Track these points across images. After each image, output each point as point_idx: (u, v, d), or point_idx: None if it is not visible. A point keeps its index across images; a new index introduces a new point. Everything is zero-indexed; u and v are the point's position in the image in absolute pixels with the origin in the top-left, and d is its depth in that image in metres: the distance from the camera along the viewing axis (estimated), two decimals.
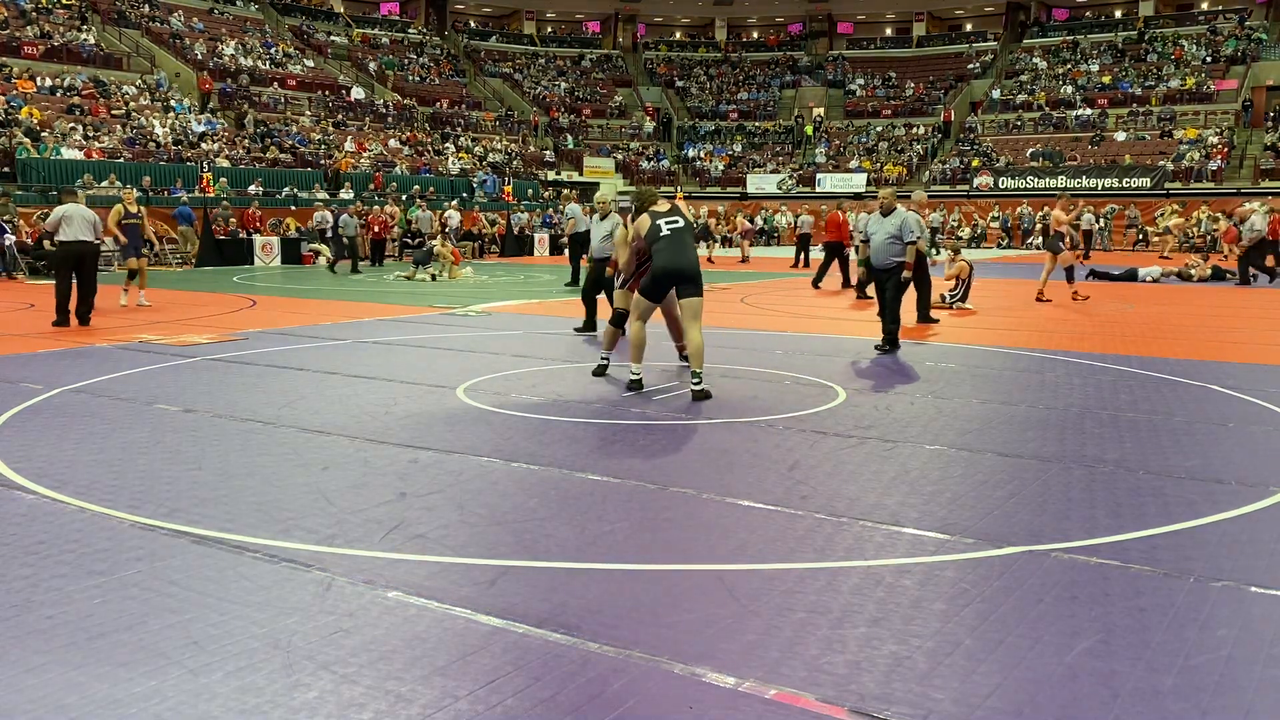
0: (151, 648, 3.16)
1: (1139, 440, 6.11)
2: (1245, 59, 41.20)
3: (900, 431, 6.31)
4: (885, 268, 9.94)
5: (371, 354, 9.56)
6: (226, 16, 40.00)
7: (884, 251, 9.92)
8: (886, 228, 9.91)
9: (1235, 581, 3.78)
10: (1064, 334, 11.47)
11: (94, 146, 26.12)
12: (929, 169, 41.95)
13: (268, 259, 24.02)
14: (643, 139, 47.64)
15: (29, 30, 30.93)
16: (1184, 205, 33.33)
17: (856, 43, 54.03)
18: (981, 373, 8.72)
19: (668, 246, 7.42)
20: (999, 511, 4.64)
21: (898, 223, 9.86)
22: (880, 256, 9.95)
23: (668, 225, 7.50)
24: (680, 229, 7.50)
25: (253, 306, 14.29)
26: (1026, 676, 3.01)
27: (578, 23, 55.69)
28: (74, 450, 5.70)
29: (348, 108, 37.46)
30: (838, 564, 3.96)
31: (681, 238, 7.48)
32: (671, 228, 7.49)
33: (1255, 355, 9.83)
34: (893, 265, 9.89)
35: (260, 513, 4.55)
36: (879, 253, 9.96)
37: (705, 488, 5.01)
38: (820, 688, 2.93)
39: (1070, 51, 46.73)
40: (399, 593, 3.62)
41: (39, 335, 10.78)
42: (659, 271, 7.41)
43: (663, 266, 7.39)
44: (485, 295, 16.22)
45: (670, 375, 8.33)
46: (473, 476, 5.19)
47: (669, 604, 3.54)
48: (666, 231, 7.47)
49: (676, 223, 7.51)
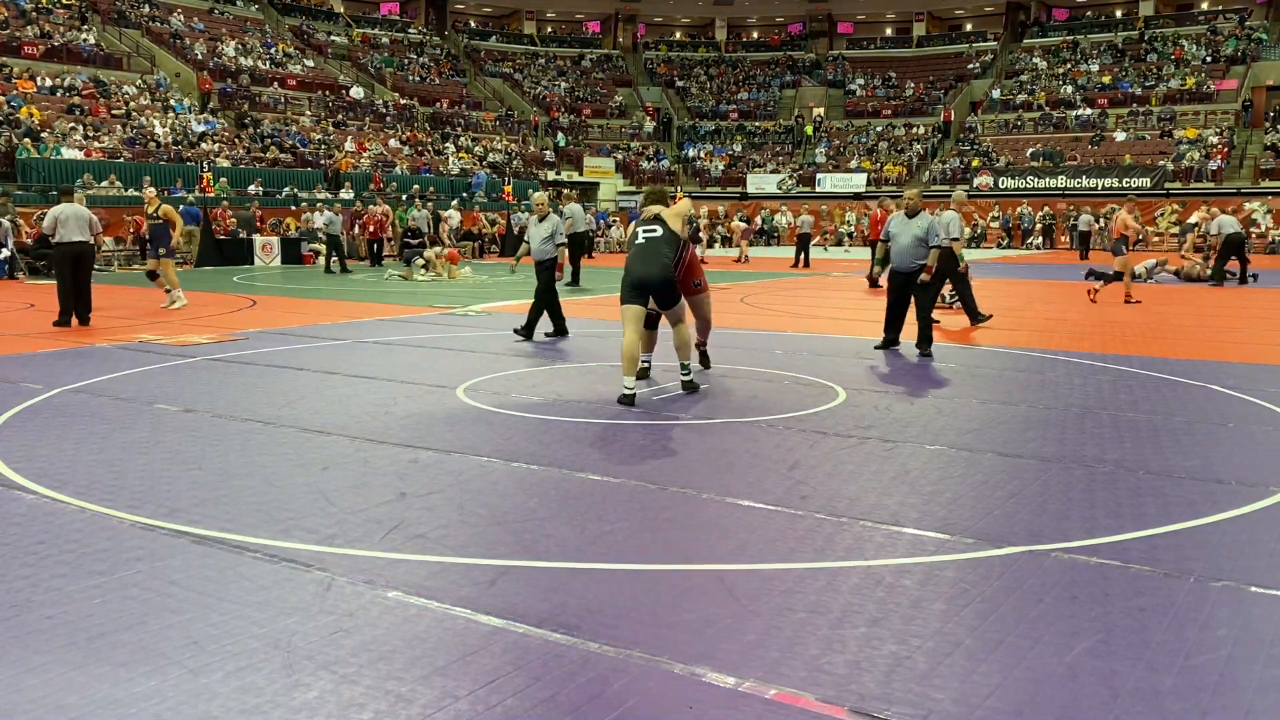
0: (151, 648, 3.16)
1: (1139, 440, 6.11)
2: (1245, 59, 41.20)
3: (900, 431, 6.31)
4: (909, 271, 9.63)
5: (371, 354, 9.56)
6: (226, 16, 40.00)
7: (909, 254, 9.60)
8: (913, 230, 9.59)
9: (1235, 581, 3.78)
10: (1064, 334, 11.47)
11: (94, 146, 26.13)
12: (929, 169, 41.95)
13: (268, 259, 24.03)
14: (643, 139, 47.64)
15: (29, 30, 30.93)
16: (1184, 205, 33.32)
17: (856, 43, 54.03)
18: (981, 373, 8.72)
19: (637, 255, 7.47)
20: (999, 511, 4.64)
21: (924, 225, 9.56)
22: (905, 259, 9.64)
23: (644, 234, 7.56)
24: (655, 239, 7.49)
25: (253, 306, 14.29)
26: (1026, 676, 3.01)
27: (578, 23, 55.70)
28: (74, 450, 5.70)
29: (348, 108, 37.47)
30: (838, 564, 3.95)
31: (653, 247, 7.45)
32: (647, 236, 7.53)
33: (1255, 355, 9.82)
34: (916, 269, 9.57)
35: (260, 513, 4.55)
36: (903, 255, 9.64)
37: (705, 488, 5.01)
38: (820, 688, 2.93)
39: (1070, 51, 46.73)
40: (399, 593, 3.62)
41: (39, 335, 10.78)
42: (626, 279, 7.48)
43: (629, 274, 7.46)
44: (485, 295, 16.22)
45: (672, 375, 8.33)
46: (473, 476, 5.19)
47: (669, 604, 3.54)
48: (641, 240, 7.54)
49: (654, 232, 7.54)
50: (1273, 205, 33.44)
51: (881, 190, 40.69)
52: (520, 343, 10.31)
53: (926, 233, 9.54)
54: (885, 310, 10.04)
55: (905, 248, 9.62)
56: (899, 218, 9.86)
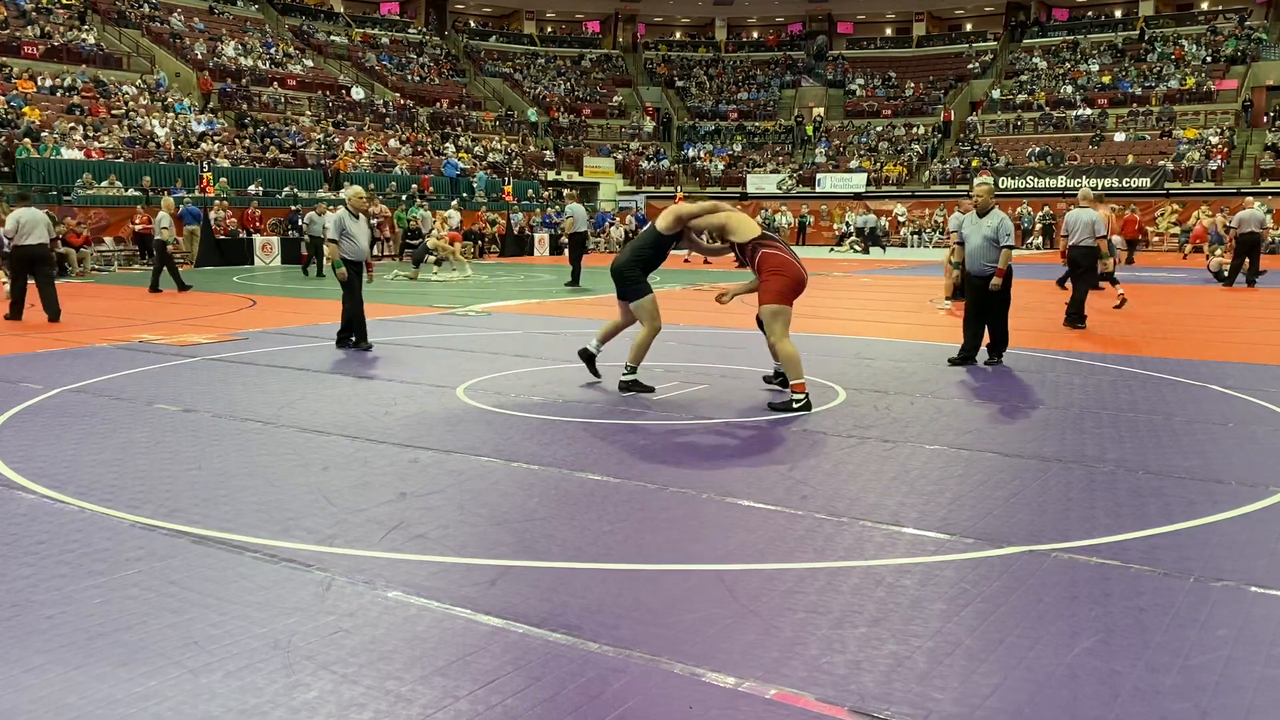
0: (151, 648, 3.16)
1: (1139, 440, 6.11)
2: (1245, 59, 41.18)
3: (900, 431, 6.31)
4: (983, 274, 9.03)
5: (371, 354, 9.56)
6: (226, 16, 39.98)
7: (981, 256, 9.03)
8: (983, 230, 9.01)
9: (1235, 581, 3.78)
10: (1064, 334, 11.46)
11: (94, 146, 26.12)
12: (929, 169, 41.95)
13: (268, 259, 24.02)
14: (643, 139, 47.61)
15: (29, 30, 30.92)
16: (1184, 205, 33.32)
17: (856, 43, 54.01)
18: (981, 373, 8.72)
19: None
20: (999, 511, 4.64)
21: (995, 224, 8.95)
22: (977, 262, 9.06)
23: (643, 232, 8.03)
24: (644, 233, 7.89)
25: (253, 306, 14.29)
26: (1026, 676, 3.01)
27: (578, 23, 55.67)
28: (74, 450, 5.70)
29: (348, 108, 37.45)
30: (838, 564, 3.95)
31: (632, 242, 7.96)
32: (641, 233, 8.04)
33: (1255, 355, 9.82)
34: (991, 272, 8.98)
35: (260, 513, 4.55)
36: (976, 257, 9.07)
37: (705, 488, 5.01)
38: (820, 688, 2.93)
39: (1070, 51, 46.71)
40: (399, 593, 3.62)
41: (39, 335, 10.77)
42: None
43: None
44: (485, 295, 16.22)
45: (673, 374, 8.32)
46: (473, 476, 5.19)
47: (669, 604, 3.54)
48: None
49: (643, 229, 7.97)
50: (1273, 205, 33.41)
51: (882, 190, 40.74)
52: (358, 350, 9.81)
53: (997, 232, 8.95)
54: (964, 317, 9.36)
55: (977, 249, 9.06)
56: (969, 217, 9.33)
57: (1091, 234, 11.79)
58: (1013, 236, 9.08)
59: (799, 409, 6.84)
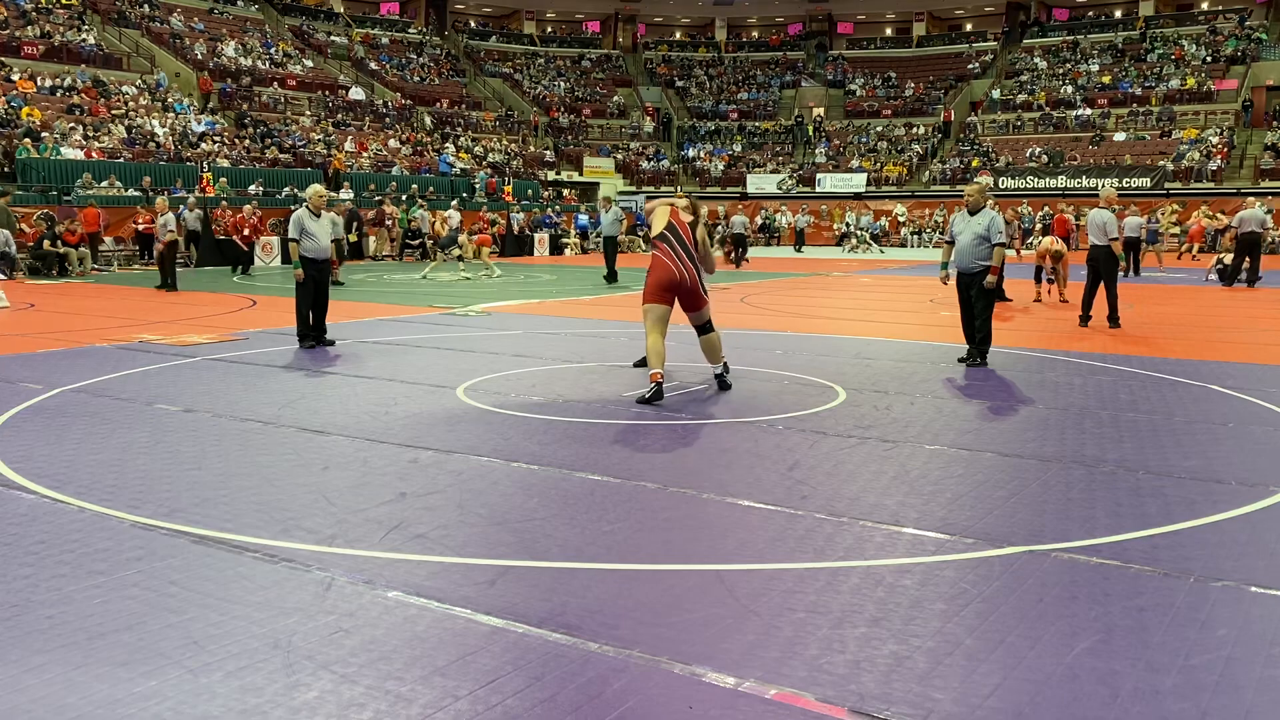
0: (151, 648, 3.16)
1: (1139, 440, 6.11)
2: (1245, 59, 41.17)
3: (900, 431, 6.31)
4: (971, 272, 9.08)
5: (371, 354, 9.56)
6: (226, 16, 39.97)
7: (970, 254, 9.05)
8: (974, 228, 9.03)
9: (1235, 581, 3.78)
10: (1064, 334, 11.46)
11: (94, 146, 26.12)
12: (929, 169, 41.95)
13: (268, 259, 24.01)
14: (643, 139, 47.60)
15: (29, 30, 30.91)
16: (1184, 205, 33.31)
17: (856, 43, 54.01)
18: (981, 372, 8.72)
19: None
20: (999, 511, 4.64)
21: (985, 222, 9.00)
22: (966, 260, 9.10)
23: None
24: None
25: (253, 306, 14.29)
26: (1026, 676, 3.01)
27: (578, 23, 55.67)
28: (74, 450, 5.70)
29: (348, 108, 37.45)
30: (838, 564, 3.95)
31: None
32: None
33: (1255, 355, 9.82)
34: (978, 270, 9.01)
35: (260, 513, 4.55)
36: (964, 255, 9.10)
37: (705, 488, 5.01)
38: (820, 688, 2.93)
39: (1070, 51, 46.71)
40: (399, 593, 3.62)
41: (39, 335, 10.77)
42: None
43: None
44: (485, 295, 16.22)
45: (673, 374, 8.32)
46: (473, 476, 5.19)
47: (669, 604, 3.54)
48: None
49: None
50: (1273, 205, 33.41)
51: (882, 190, 40.74)
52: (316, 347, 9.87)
53: (988, 230, 8.99)
54: (960, 318, 9.47)
55: (966, 247, 9.10)
56: (960, 215, 9.37)
57: (1103, 234, 11.76)
58: (1004, 234, 9.12)
59: (650, 397, 7.19)
